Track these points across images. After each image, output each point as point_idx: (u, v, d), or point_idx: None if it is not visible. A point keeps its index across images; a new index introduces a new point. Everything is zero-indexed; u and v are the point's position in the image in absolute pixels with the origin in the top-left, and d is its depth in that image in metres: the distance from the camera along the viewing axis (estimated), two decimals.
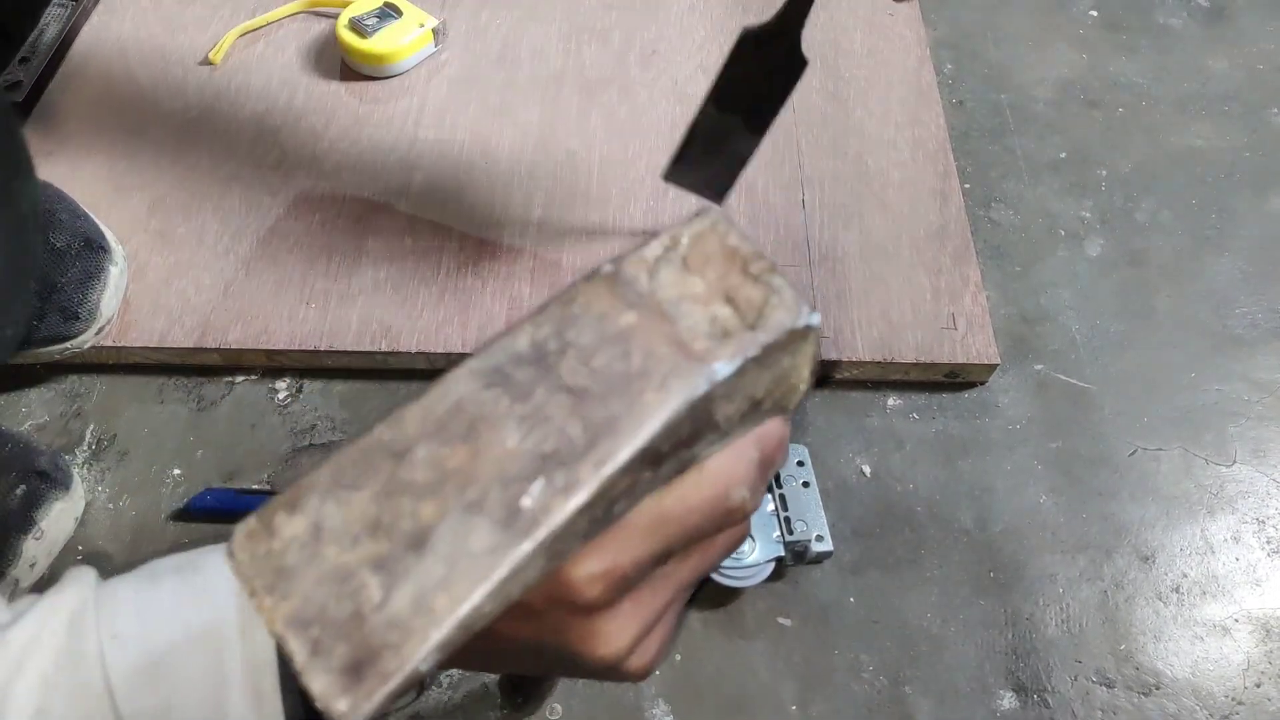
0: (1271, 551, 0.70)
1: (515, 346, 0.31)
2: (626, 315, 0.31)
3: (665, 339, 0.31)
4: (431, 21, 0.88)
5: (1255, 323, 0.81)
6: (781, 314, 0.31)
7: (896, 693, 0.63)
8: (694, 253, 0.33)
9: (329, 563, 0.29)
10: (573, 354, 0.31)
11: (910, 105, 0.89)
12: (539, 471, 0.29)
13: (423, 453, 0.30)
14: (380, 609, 0.28)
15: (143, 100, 0.86)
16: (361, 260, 0.76)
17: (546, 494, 0.29)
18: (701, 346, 0.31)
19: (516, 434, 0.30)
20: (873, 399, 0.75)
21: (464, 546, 0.28)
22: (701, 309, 0.31)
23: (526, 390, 0.30)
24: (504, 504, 0.29)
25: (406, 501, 0.29)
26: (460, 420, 0.30)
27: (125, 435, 0.72)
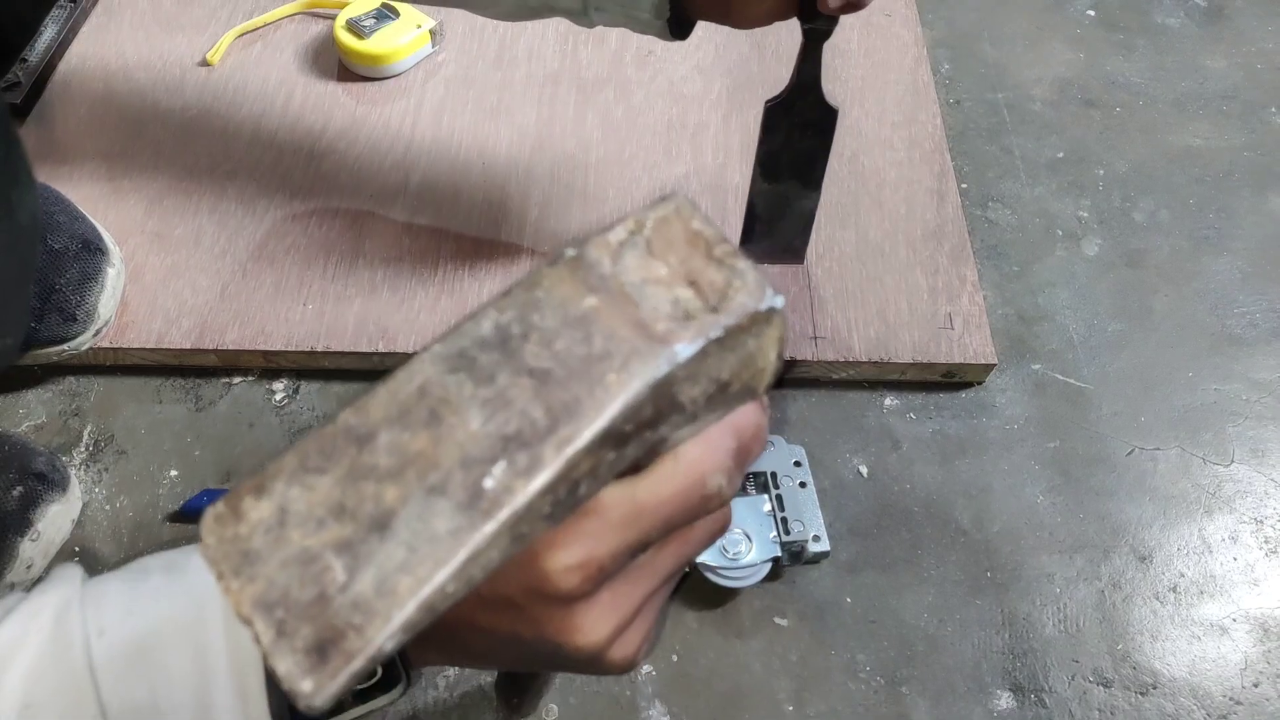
0: (1269, 551, 0.70)
1: (479, 331, 0.31)
2: (589, 298, 0.31)
3: (627, 322, 0.31)
4: (429, 22, 0.88)
5: (1254, 322, 0.81)
6: (744, 296, 0.31)
7: (893, 692, 0.63)
8: (658, 237, 0.33)
9: (294, 546, 0.29)
10: (536, 337, 0.31)
11: (907, 105, 0.89)
12: (501, 453, 0.29)
13: (386, 437, 0.30)
14: (344, 591, 0.28)
15: (140, 101, 0.86)
16: (358, 261, 0.76)
17: (508, 475, 0.29)
18: (663, 328, 0.31)
19: (479, 417, 0.30)
20: (870, 399, 0.75)
21: (426, 529, 0.29)
22: (664, 292, 0.32)
23: (490, 374, 0.30)
24: (466, 486, 0.29)
25: (370, 485, 0.29)
26: (424, 405, 0.30)
27: (123, 436, 0.72)
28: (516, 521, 0.29)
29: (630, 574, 0.34)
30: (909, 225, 0.81)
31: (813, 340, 0.74)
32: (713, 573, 0.63)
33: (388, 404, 0.30)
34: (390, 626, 0.28)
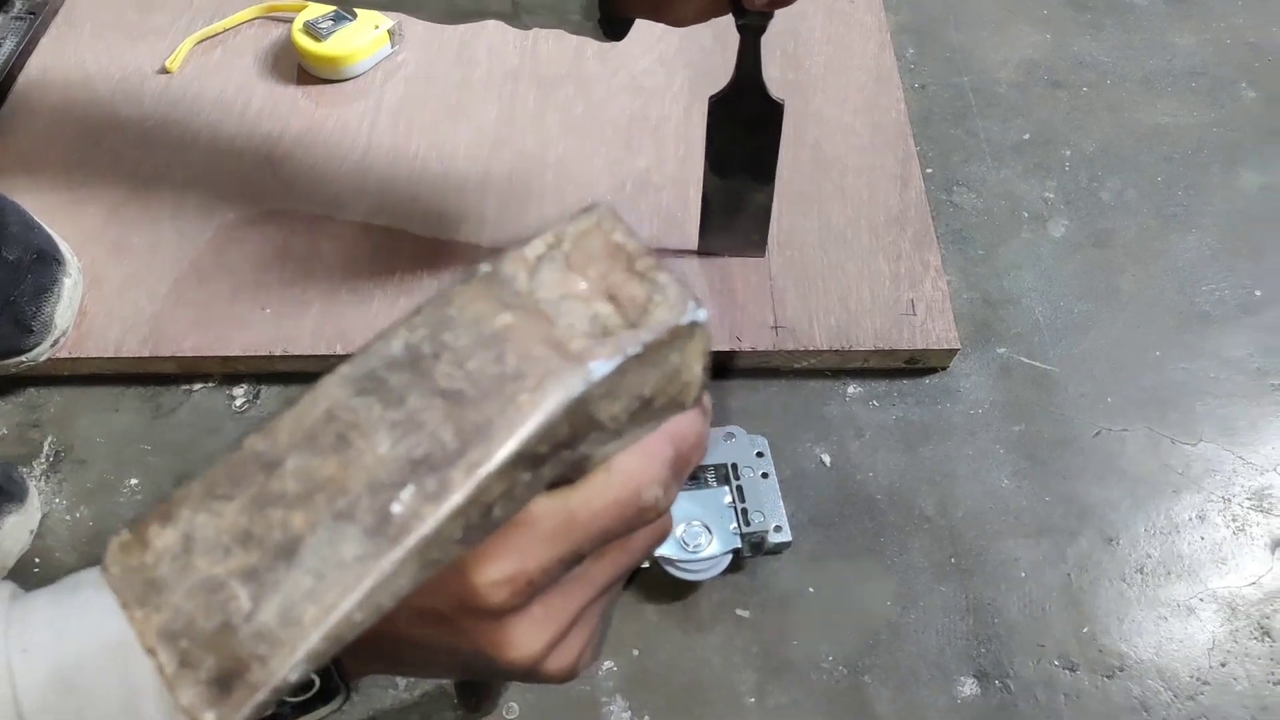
0: (1237, 530, 0.69)
1: (389, 351, 0.30)
2: (503, 316, 0.31)
3: (542, 340, 0.30)
4: (387, 23, 0.88)
5: (1222, 299, 0.80)
6: (665, 311, 0.31)
7: (856, 682, 0.62)
8: (578, 250, 0.32)
9: (200, 574, 0.28)
10: (447, 357, 0.30)
11: (870, 91, 0.89)
12: (410, 478, 0.29)
13: (294, 463, 0.29)
14: (249, 620, 0.28)
15: (100, 110, 0.86)
16: (316, 265, 0.76)
17: (417, 500, 0.28)
18: (579, 346, 0.30)
19: (388, 440, 0.29)
20: (832, 387, 0.74)
21: (333, 556, 0.28)
22: (582, 308, 0.31)
23: (399, 396, 0.30)
24: (374, 512, 0.28)
25: (277, 512, 0.29)
26: (331, 429, 0.29)
27: (83, 445, 0.72)
28: (426, 547, 0.28)
29: (564, 586, 0.34)
30: (871, 211, 0.80)
31: (774, 330, 0.74)
32: (673, 566, 0.63)
33: (295, 428, 0.30)
34: (295, 657, 0.27)
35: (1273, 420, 0.74)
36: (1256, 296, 0.80)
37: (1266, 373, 0.76)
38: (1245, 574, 0.67)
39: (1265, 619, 0.65)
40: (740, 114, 0.68)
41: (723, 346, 0.73)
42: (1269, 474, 0.71)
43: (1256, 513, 0.70)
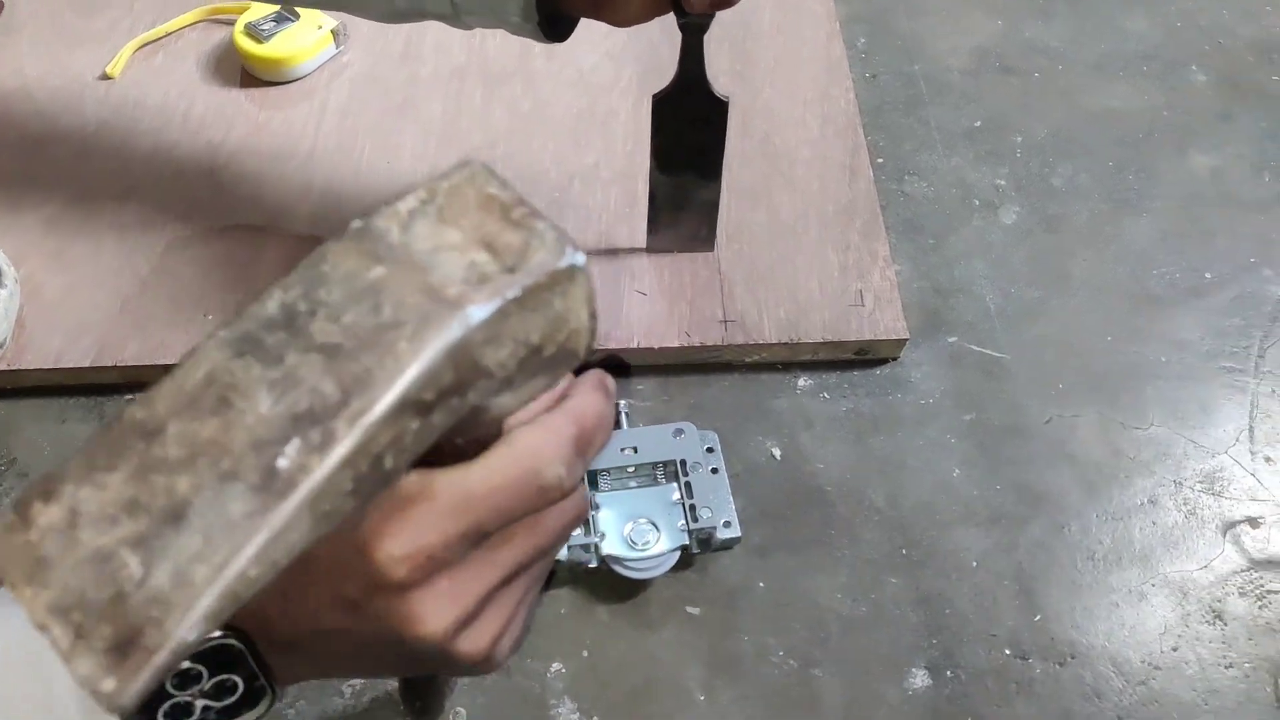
0: (1188, 513, 0.69)
1: (265, 312, 0.30)
2: (376, 269, 0.30)
3: (418, 289, 0.30)
4: (330, 23, 0.87)
5: (1173, 282, 0.80)
6: (543, 255, 0.31)
7: (805, 675, 0.62)
8: (451, 204, 0.32)
9: (87, 547, 0.28)
10: (323, 313, 0.30)
11: (820, 81, 0.88)
12: (293, 433, 0.29)
13: (175, 429, 0.29)
14: (141, 587, 0.27)
15: (39, 119, 0.85)
16: (260, 268, 0.75)
17: (302, 454, 0.28)
18: (455, 292, 0.30)
19: (268, 399, 0.29)
20: (782, 380, 0.74)
21: (221, 516, 0.28)
22: (458, 257, 0.31)
23: (277, 354, 0.29)
24: (259, 469, 0.28)
25: (161, 478, 0.29)
26: (211, 392, 0.29)
27: (25, 458, 0.71)
28: (315, 499, 0.28)
29: (471, 565, 0.34)
30: (821, 203, 0.80)
31: (723, 325, 0.73)
32: (621, 565, 0.63)
33: (175, 394, 0.30)
34: (190, 617, 0.27)
35: (1223, 403, 0.74)
36: (1206, 279, 0.80)
37: (1216, 355, 0.76)
38: (1197, 558, 0.67)
39: (1216, 602, 0.65)
40: (685, 112, 0.68)
41: (672, 342, 0.72)
42: (1219, 456, 0.71)
43: (1207, 495, 0.70)
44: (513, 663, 0.62)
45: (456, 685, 0.60)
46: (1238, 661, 0.63)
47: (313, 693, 0.61)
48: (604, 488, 0.66)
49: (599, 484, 0.66)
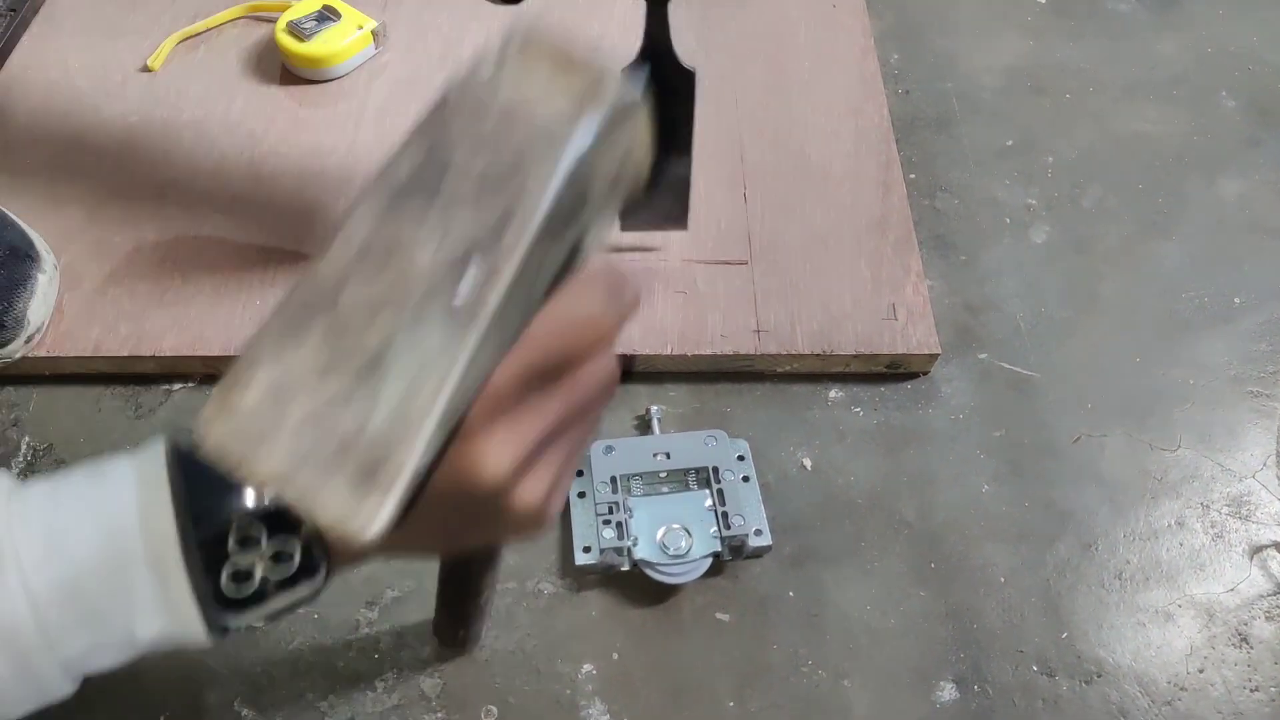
0: (1215, 536, 0.69)
1: (397, 178, 0.33)
2: (485, 122, 0.34)
3: (528, 127, 0.34)
4: (371, 23, 0.88)
5: (1202, 306, 0.81)
6: (614, 90, 0.35)
7: (835, 686, 0.63)
8: (522, 60, 0.36)
9: (298, 413, 0.30)
10: (453, 168, 0.33)
11: (854, 96, 0.89)
12: (462, 270, 0.32)
13: (348, 294, 0.32)
14: (364, 431, 0.30)
15: (81, 109, 0.86)
16: (299, 265, 0.76)
17: (475, 286, 0.32)
18: (560, 124, 0.34)
19: (429, 248, 0.32)
20: (814, 391, 0.75)
21: (419, 354, 0.31)
22: (546, 99, 0.35)
23: (422, 211, 0.33)
24: (441, 307, 0.31)
25: (350, 338, 0.31)
26: (372, 256, 0.32)
27: (62, 445, 0.71)
28: (496, 324, 0.32)
29: (524, 410, 0.36)
30: (854, 217, 0.81)
31: (756, 334, 0.74)
32: (653, 569, 0.63)
33: (335, 267, 0.32)
34: (417, 446, 0.30)
35: (1250, 427, 0.74)
36: (1235, 304, 0.81)
37: (1243, 380, 0.77)
38: (1223, 580, 0.68)
39: (1243, 625, 0.66)
40: (652, 84, 0.67)
41: (705, 350, 0.73)
42: (1247, 480, 0.72)
43: (1234, 519, 0.70)
44: (543, 663, 0.62)
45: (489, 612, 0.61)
46: (1264, 685, 0.63)
47: (343, 689, 0.62)
48: (636, 492, 0.66)
49: (632, 488, 0.66)
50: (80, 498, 0.39)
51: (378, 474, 0.30)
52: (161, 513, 0.38)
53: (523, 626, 0.64)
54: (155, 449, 0.40)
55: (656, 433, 0.71)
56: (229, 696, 0.61)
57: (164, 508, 0.38)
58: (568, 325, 0.36)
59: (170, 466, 0.39)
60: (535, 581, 0.65)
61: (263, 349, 0.31)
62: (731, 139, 0.85)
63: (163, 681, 0.61)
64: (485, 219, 0.32)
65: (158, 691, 0.60)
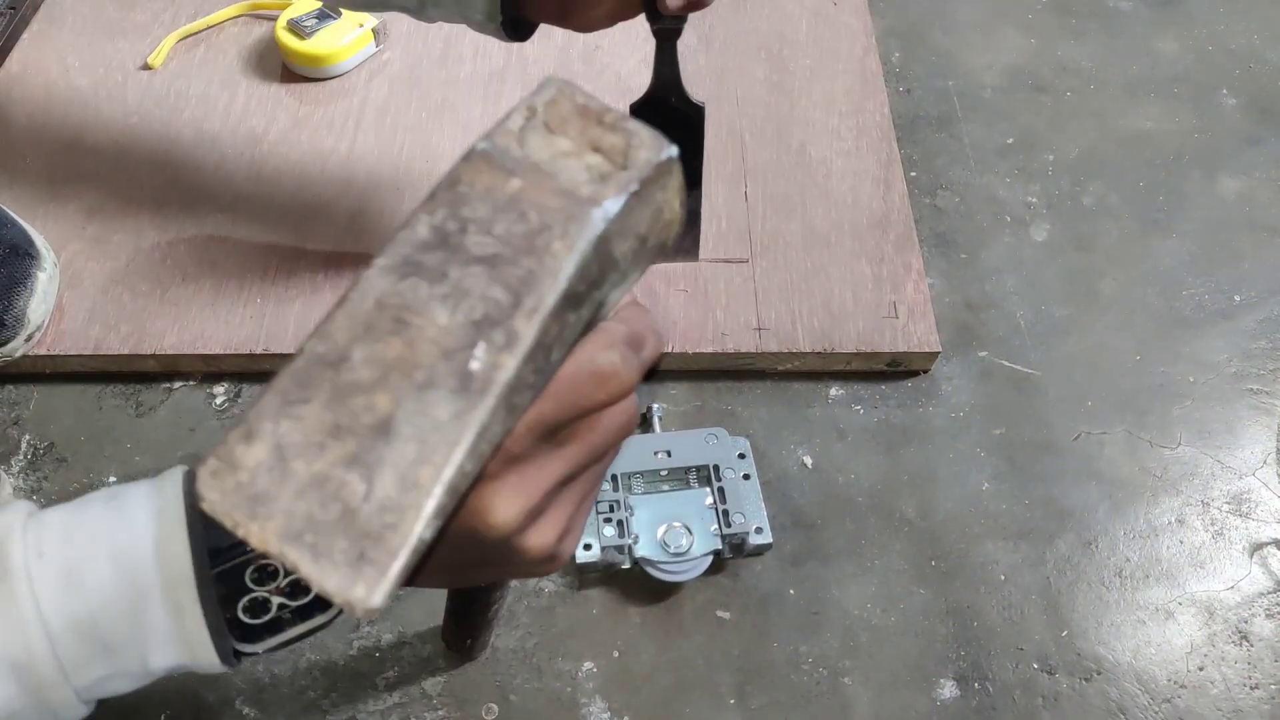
0: (1215, 534, 0.69)
1: (417, 236, 0.32)
2: (512, 181, 0.33)
3: (553, 193, 0.33)
4: (371, 21, 0.88)
5: (1202, 304, 0.81)
6: (645, 152, 0.34)
7: (836, 683, 0.63)
8: (551, 117, 0.35)
9: (302, 475, 0.30)
10: (473, 228, 0.32)
11: (855, 94, 0.89)
12: (477, 337, 0.31)
13: (360, 354, 0.31)
14: (368, 499, 0.29)
15: (82, 107, 0.86)
16: (300, 263, 0.76)
17: (491, 353, 0.31)
18: (588, 192, 0.33)
19: (444, 312, 0.31)
20: (815, 390, 0.75)
21: (429, 421, 0.30)
22: (576, 161, 0.34)
23: (440, 272, 0.32)
24: (454, 374, 0.31)
25: (359, 399, 0.30)
26: (386, 315, 0.31)
27: (63, 443, 0.71)
28: (509, 393, 0.31)
29: (537, 459, 0.36)
30: (855, 215, 0.81)
31: (757, 332, 0.74)
32: (654, 567, 0.63)
33: (350, 323, 0.32)
34: (424, 515, 0.29)
35: (1250, 424, 0.74)
36: (1235, 302, 0.81)
37: (1243, 377, 0.77)
38: (1223, 578, 0.68)
39: (1243, 623, 0.66)
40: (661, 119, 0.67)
41: (706, 348, 0.73)
42: (1247, 478, 0.72)
43: (1234, 516, 0.70)
44: (544, 661, 0.62)
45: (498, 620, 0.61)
46: (1263, 683, 0.64)
47: (345, 687, 0.62)
48: (637, 490, 0.66)
49: (632, 486, 0.66)
50: (97, 530, 0.39)
51: (381, 545, 0.29)
52: (178, 549, 0.38)
53: (524, 624, 0.64)
54: (173, 479, 0.40)
55: (657, 431, 0.71)
56: (230, 695, 0.61)
57: (180, 544, 0.38)
58: (586, 379, 0.35)
59: (188, 496, 0.39)
60: (536, 580, 0.65)
61: (269, 404, 0.31)
62: (733, 137, 0.85)
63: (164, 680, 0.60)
64: (504, 284, 0.32)
65: (159, 690, 0.60)
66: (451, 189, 0.33)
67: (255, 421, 0.30)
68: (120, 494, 0.41)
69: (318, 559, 0.29)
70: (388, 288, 0.32)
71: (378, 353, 0.31)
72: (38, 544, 0.39)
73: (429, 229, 0.33)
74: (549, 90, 0.35)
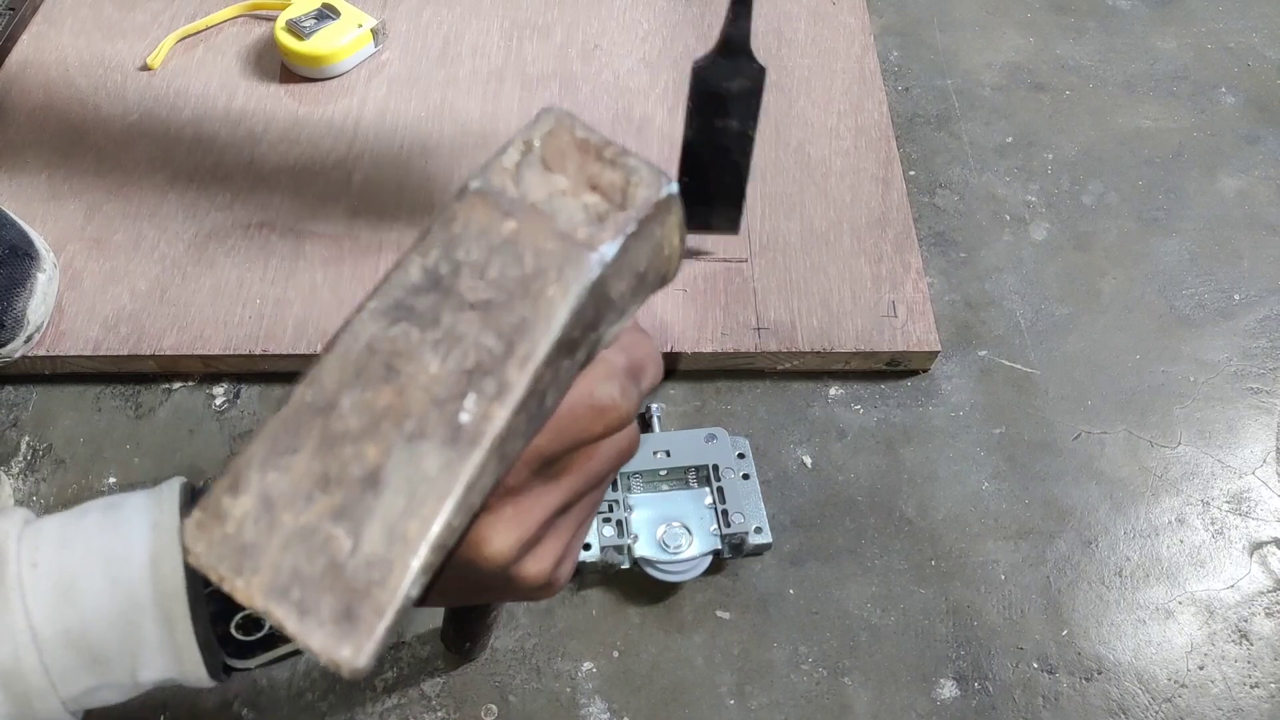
0: (1215, 533, 0.69)
1: (408, 279, 0.32)
2: (507, 223, 0.32)
3: (549, 235, 0.32)
4: (370, 21, 0.88)
5: (1202, 303, 0.81)
6: (645, 190, 0.33)
7: (836, 683, 0.63)
8: (549, 151, 0.34)
9: (289, 527, 0.29)
10: (467, 271, 0.32)
11: (854, 93, 0.89)
12: (468, 386, 0.30)
13: (349, 401, 0.30)
14: (354, 553, 0.29)
15: (81, 107, 0.86)
16: (299, 263, 0.76)
17: (482, 404, 0.30)
18: (584, 234, 0.32)
19: (435, 359, 0.31)
20: (814, 389, 0.75)
21: (418, 473, 0.29)
22: (573, 201, 0.33)
23: (432, 317, 0.31)
24: (444, 424, 0.30)
25: (348, 449, 0.30)
26: (376, 361, 0.31)
27: (61, 445, 0.71)
28: (500, 444, 0.30)
29: (533, 489, 0.36)
30: (854, 214, 0.81)
31: (756, 331, 0.74)
32: (653, 567, 0.63)
33: (340, 369, 0.31)
34: (411, 572, 0.28)
35: (1250, 424, 0.74)
36: (1235, 301, 0.81)
37: (1243, 376, 0.77)
38: (1223, 577, 0.68)
39: (1243, 622, 0.66)
40: (724, 79, 0.66)
41: (705, 348, 0.73)
42: (1247, 477, 0.72)
43: (1235, 516, 0.70)
44: (543, 661, 0.62)
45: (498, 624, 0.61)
46: (1263, 682, 0.63)
47: (343, 688, 0.62)
48: (636, 490, 0.66)
49: (632, 486, 0.66)
50: (92, 542, 0.39)
51: (367, 603, 0.28)
52: (172, 565, 0.38)
53: (523, 625, 0.64)
54: (171, 492, 0.40)
55: (657, 430, 0.71)
56: (228, 697, 0.61)
57: (175, 560, 0.38)
58: (584, 413, 0.35)
59: (184, 510, 0.39)
60: None
61: (256, 453, 0.30)
62: None
63: None
64: (497, 331, 0.31)
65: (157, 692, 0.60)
66: (445, 229, 0.32)
67: (242, 471, 0.30)
68: (118, 505, 0.40)
69: (303, 617, 0.28)
70: (379, 332, 0.31)
71: (367, 400, 0.30)
72: (32, 554, 0.38)
73: (421, 271, 0.32)
74: (546, 122, 0.34)
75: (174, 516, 0.39)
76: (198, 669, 0.39)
